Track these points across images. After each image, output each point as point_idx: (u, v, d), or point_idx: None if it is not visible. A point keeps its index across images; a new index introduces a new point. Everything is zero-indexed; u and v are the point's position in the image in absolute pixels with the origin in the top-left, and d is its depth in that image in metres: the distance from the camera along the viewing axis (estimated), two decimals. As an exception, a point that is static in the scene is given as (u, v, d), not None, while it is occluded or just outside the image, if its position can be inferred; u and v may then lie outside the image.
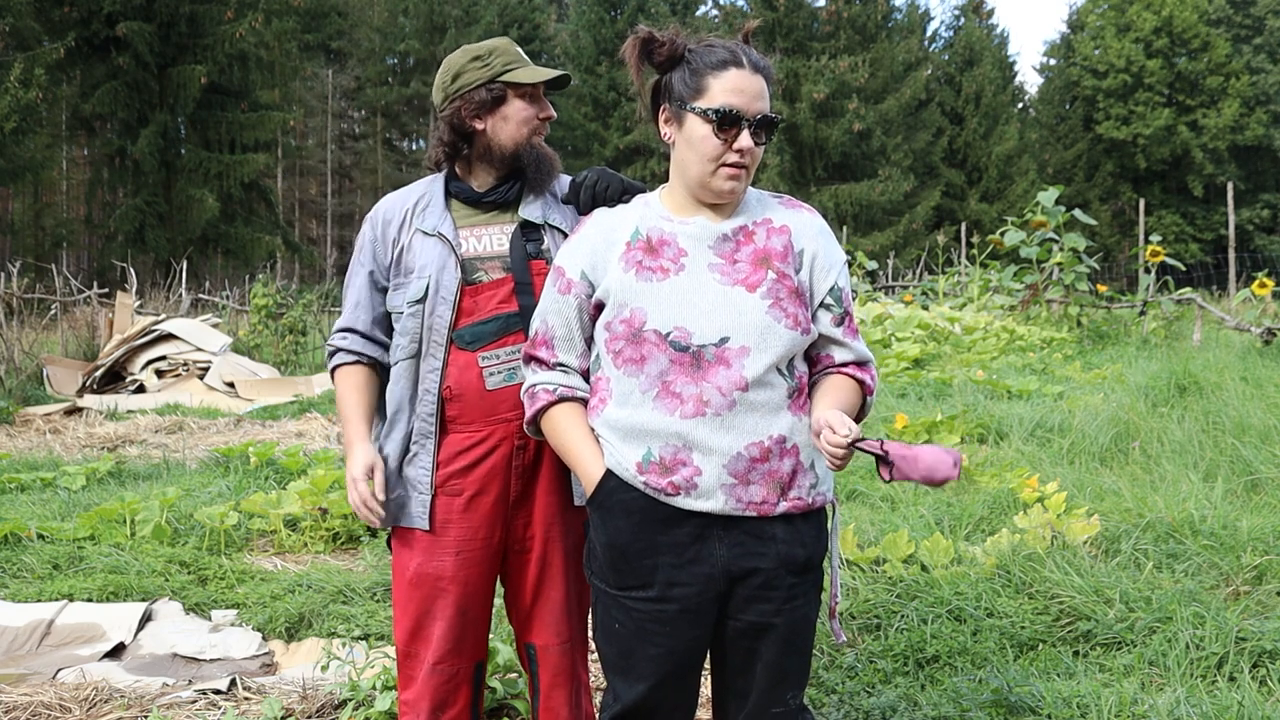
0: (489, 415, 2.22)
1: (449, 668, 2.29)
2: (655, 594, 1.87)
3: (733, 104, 1.83)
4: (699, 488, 1.82)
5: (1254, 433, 5.23)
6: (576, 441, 1.92)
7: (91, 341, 13.60)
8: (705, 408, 1.81)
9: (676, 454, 1.83)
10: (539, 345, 1.99)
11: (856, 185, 36.63)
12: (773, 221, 1.93)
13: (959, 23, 45.72)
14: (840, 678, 3.06)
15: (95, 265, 31.28)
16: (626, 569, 1.88)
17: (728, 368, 1.82)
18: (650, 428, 1.84)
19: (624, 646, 1.91)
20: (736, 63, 1.86)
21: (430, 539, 2.27)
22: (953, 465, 1.71)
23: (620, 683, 1.93)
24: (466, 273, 2.24)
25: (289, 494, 5.13)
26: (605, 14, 41.09)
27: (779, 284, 1.87)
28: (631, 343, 1.86)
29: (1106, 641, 3.14)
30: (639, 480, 1.85)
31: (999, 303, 13.17)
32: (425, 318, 2.24)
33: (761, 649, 1.90)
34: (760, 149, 1.87)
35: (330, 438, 8.43)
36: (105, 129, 31.65)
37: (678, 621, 1.87)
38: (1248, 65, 43.87)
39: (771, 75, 1.89)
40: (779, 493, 1.85)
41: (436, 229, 2.27)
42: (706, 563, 1.85)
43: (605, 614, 1.94)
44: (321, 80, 43.99)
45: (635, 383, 1.86)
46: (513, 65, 2.26)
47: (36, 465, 7.07)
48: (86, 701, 3.14)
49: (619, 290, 1.89)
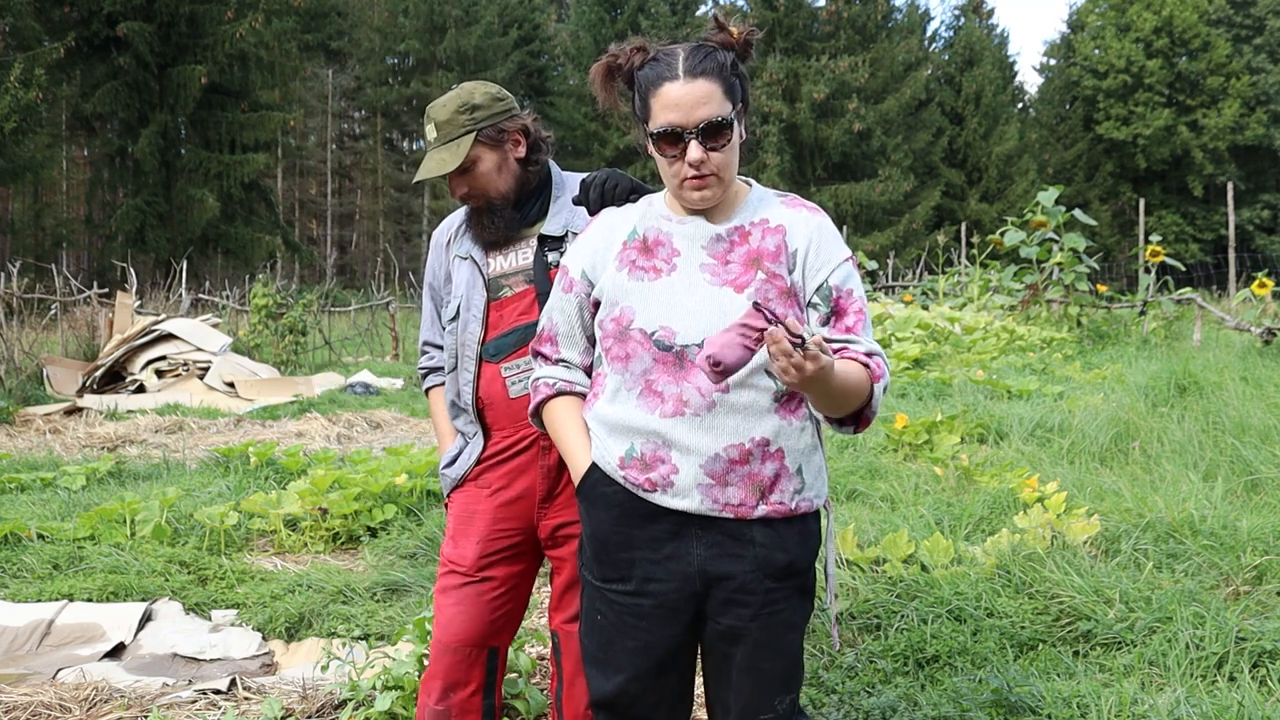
0: (515, 420, 2.36)
1: (461, 650, 2.37)
2: (632, 588, 1.89)
3: (671, 121, 1.80)
4: (675, 486, 1.83)
5: (1254, 433, 5.23)
6: (569, 434, 1.97)
7: (91, 341, 13.60)
8: (684, 408, 1.82)
9: (656, 451, 1.84)
10: (544, 341, 2.04)
11: (856, 185, 36.65)
12: (769, 221, 1.91)
13: (959, 23, 45.74)
14: (840, 678, 3.06)
15: (95, 265, 31.31)
16: (607, 561, 1.91)
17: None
18: (633, 424, 1.85)
19: (603, 638, 1.94)
20: (671, 76, 1.81)
21: (459, 528, 2.42)
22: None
23: (596, 675, 1.96)
24: (492, 290, 2.38)
25: (289, 494, 5.13)
26: (605, 14, 41.10)
27: (768, 285, 1.85)
28: (619, 340, 1.88)
29: (1106, 641, 3.14)
30: (619, 474, 1.87)
31: (999, 303, 13.17)
32: (459, 334, 2.40)
33: (736, 654, 1.89)
34: (721, 153, 1.81)
35: (330, 438, 8.43)
36: (105, 129, 31.69)
37: (653, 617, 1.88)
38: (1248, 65, 43.87)
39: (720, 67, 1.81)
40: (758, 496, 1.84)
41: (468, 253, 2.42)
42: (683, 560, 1.86)
43: (590, 605, 1.97)
44: (321, 80, 43.99)
45: (622, 379, 1.88)
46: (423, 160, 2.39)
47: (36, 465, 7.07)
48: (86, 701, 3.14)
49: (611, 289, 1.91)
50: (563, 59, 43.54)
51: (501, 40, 41.69)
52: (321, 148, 45.90)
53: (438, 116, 2.32)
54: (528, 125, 2.40)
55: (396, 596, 4.14)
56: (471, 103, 2.32)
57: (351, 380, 12.09)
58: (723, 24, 1.88)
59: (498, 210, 2.36)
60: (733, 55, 1.86)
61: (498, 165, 2.35)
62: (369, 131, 47.04)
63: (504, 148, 2.36)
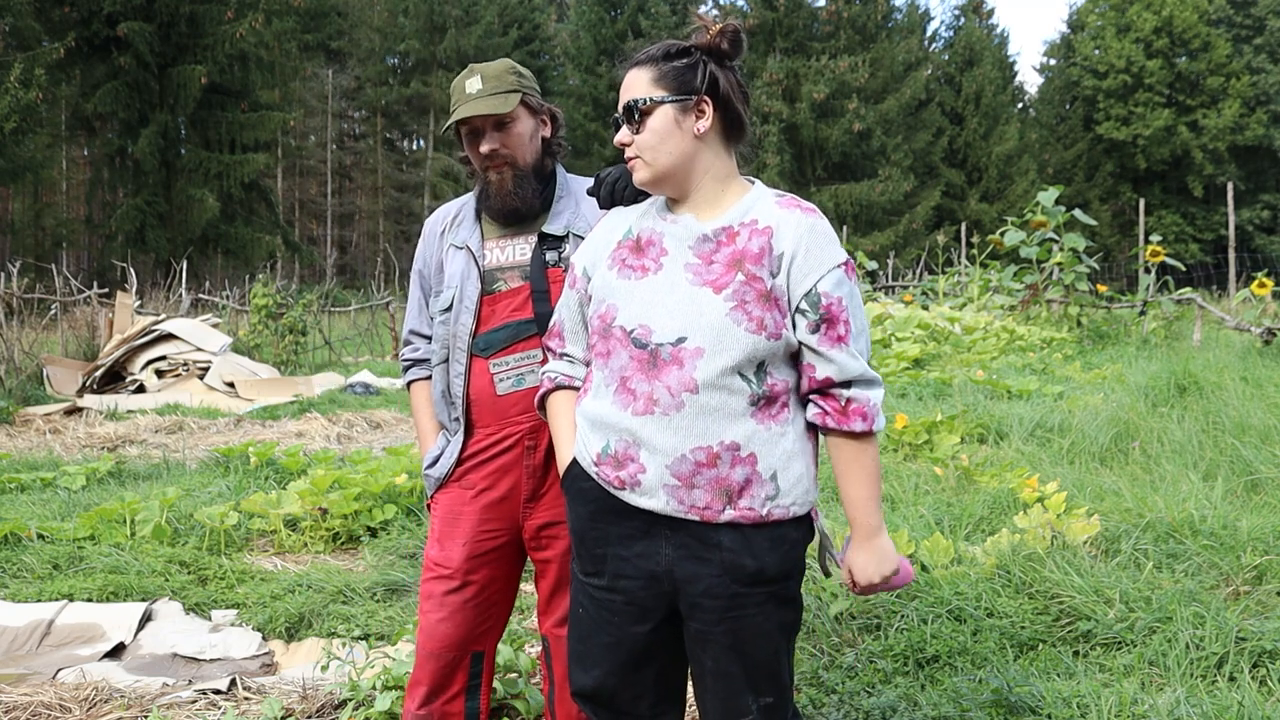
0: (501, 418, 2.34)
1: (445, 656, 2.37)
2: (605, 583, 1.91)
3: (617, 110, 1.90)
4: (641, 485, 1.83)
5: (1254, 433, 5.23)
6: (560, 428, 2.01)
7: (91, 341, 13.59)
8: (654, 406, 1.81)
9: (627, 449, 1.84)
10: (552, 336, 2.07)
11: (856, 185, 36.65)
12: (758, 222, 1.88)
13: (959, 23, 45.75)
14: (840, 678, 3.06)
15: (95, 265, 31.31)
16: (585, 555, 1.94)
17: (680, 368, 1.80)
18: (609, 421, 1.86)
19: (583, 631, 1.96)
20: (625, 69, 1.93)
21: (445, 530, 2.38)
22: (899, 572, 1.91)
23: (576, 668, 1.98)
24: (486, 283, 2.36)
25: (289, 494, 5.13)
26: (605, 14, 41.10)
27: (746, 286, 1.82)
28: (603, 337, 1.90)
29: (1106, 641, 3.14)
30: (594, 470, 1.89)
31: (999, 303, 13.17)
32: (451, 325, 2.37)
33: (705, 657, 1.89)
34: (644, 134, 1.87)
35: (330, 438, 8.43)
36: (105, 129, 31.67)
37: (624, 613, 1.90)
38: (1248, 65, 43.87)
39: (654, 56, 1.89)
40: (725, 500, 1.81)
41: (465, 242, 2.39)
42: (652, 560, 1.86)
43: (574, 597, 2.00)
44: (321, 80, 43.99)
45: (603, 376, 1.90)
46: (456, 104, 2.34)
47: (36, 465, 7.07)
48: (86, 701, 3.14)
49: (600, 287, 1.93)
50: (563, 59, 43.55)
51: (501, 40, 41.69)
52: (321, 148, 45.91)
53: (486, 71, 2.33)
54: (556, 113, 2.44)
55: (396, 596, 4.14)
56: (518, 70, 2.36)
57: (351, 380, 12.10)
58: (702, 18, 1.91)
59: (523, 176, 2.34)
60: (700, 53, 1.88)
61: (531, 133, 2.36)
62: (369, 131, 47.04)
63: (539, 118, 2.39)
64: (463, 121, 2.32)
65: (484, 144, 2.31)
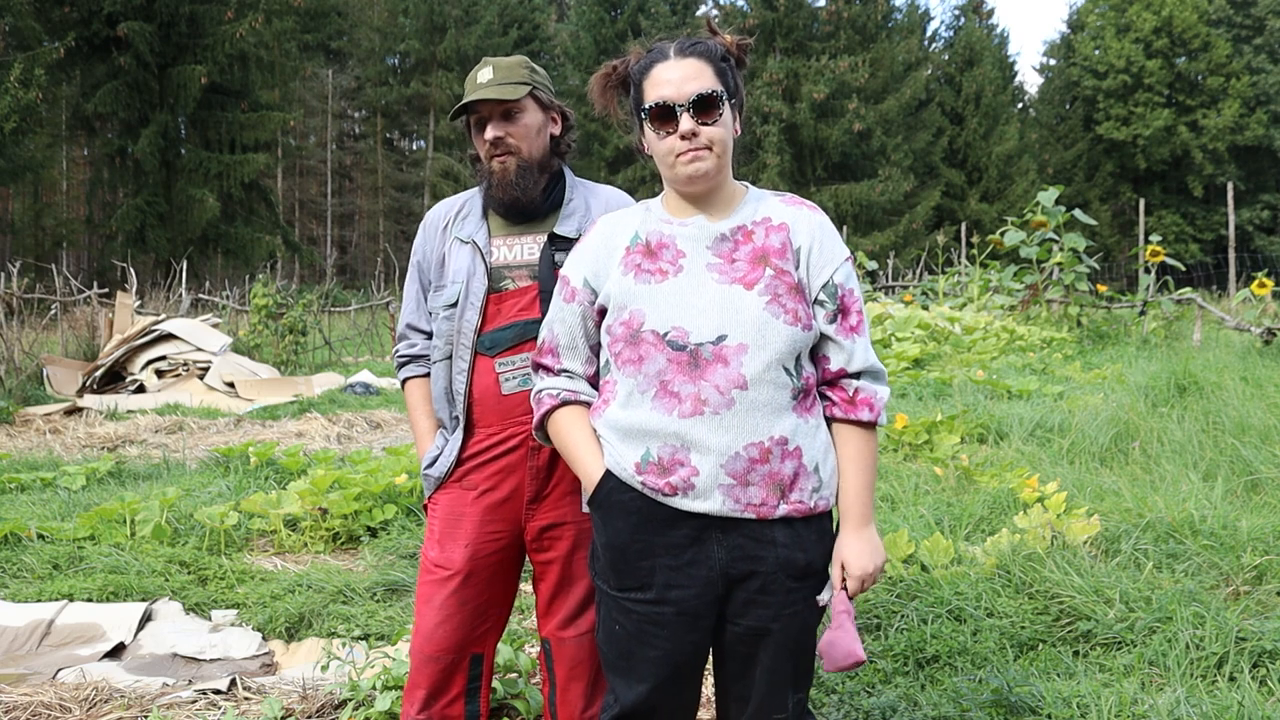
0: (505, 418, 2.31)
1: (444, 657, 2.34)
2: (653, 596, 1.86)
3: (663, 96, 1.85)
4: (696, 488, 1.81)
5: (1254, 433, 5.23)
6: (578, 443, 1.93)
7: (91, 341, 13.60)
8: (703, 406, 1.80)
9: (675, 454, 1.81)
10: (545, 353, 2.01)
11: (856, 185, 36.64)
12: (771, 219, 1.91)
13: (959, 23, 45.77)
14: (840, 678, 3.06)
15: (95, 265, 31.32)
16: (625, 570, 1.88)
17: (726, 365, 1.80)
18: (649, 428, 1.83)
19: (624, 648, 1.91)
20: (661, 57, 1.88)
21: (446, 530, 2.35)
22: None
23: (620, 684, 1.93)
24: (494, 280, 2.33)
25: (289, 494, 5.13)
26: (605, 14, 41.09)
27: (777, 280, 1.85)
28: (630, 344, 1.86)
29: (1106, 641, 3.14)
30: (637, 480, 1.84)
31: (999, 303, 13.17)
32: (456, 321, 2.34)
33: (760, 654, 1.89)
34: (714, 127, 1.85)
35: (330, 438, 8.43)
36: (105, 129, 31.67)
37: (675, 624, 1.86)
38: (1248, 65, 43.87)
39: (710, 51, 1.87)
40: (779, 495, 1.83)
41: (471, 237, 2.36)
42: (704, 565, 1.84)
43: (606, 615, 1.94)
44: (321, 80, 43.99)
45: (634, 383, 1.86)
46: (468, 95, 2.33)
47: (36, 465, 7.07)
48: (86, 701, 3.14)
49: (619, 294, 1.90)
50: (563, 59, 43.51)
51: (501, 40, 41.68)
52: (321, 148, 45.91)
53: (499, 63, 2.33)
54: (568, 113, 2.44)
55: (396, 596, 4.14)
56: (532, 65, 2.36)
57: (351, 380, 12.09)
58: (715, 30, 1.92)
59: (526, 168, 2.32)
60: (724, 49, 1.91)
61: (539, 127, 2.36)
62: (369, 131, 47.03)
63: (549, 115, 2.39)
64: (471, 110, 2.31)
65: (489, 130, 2.31)
